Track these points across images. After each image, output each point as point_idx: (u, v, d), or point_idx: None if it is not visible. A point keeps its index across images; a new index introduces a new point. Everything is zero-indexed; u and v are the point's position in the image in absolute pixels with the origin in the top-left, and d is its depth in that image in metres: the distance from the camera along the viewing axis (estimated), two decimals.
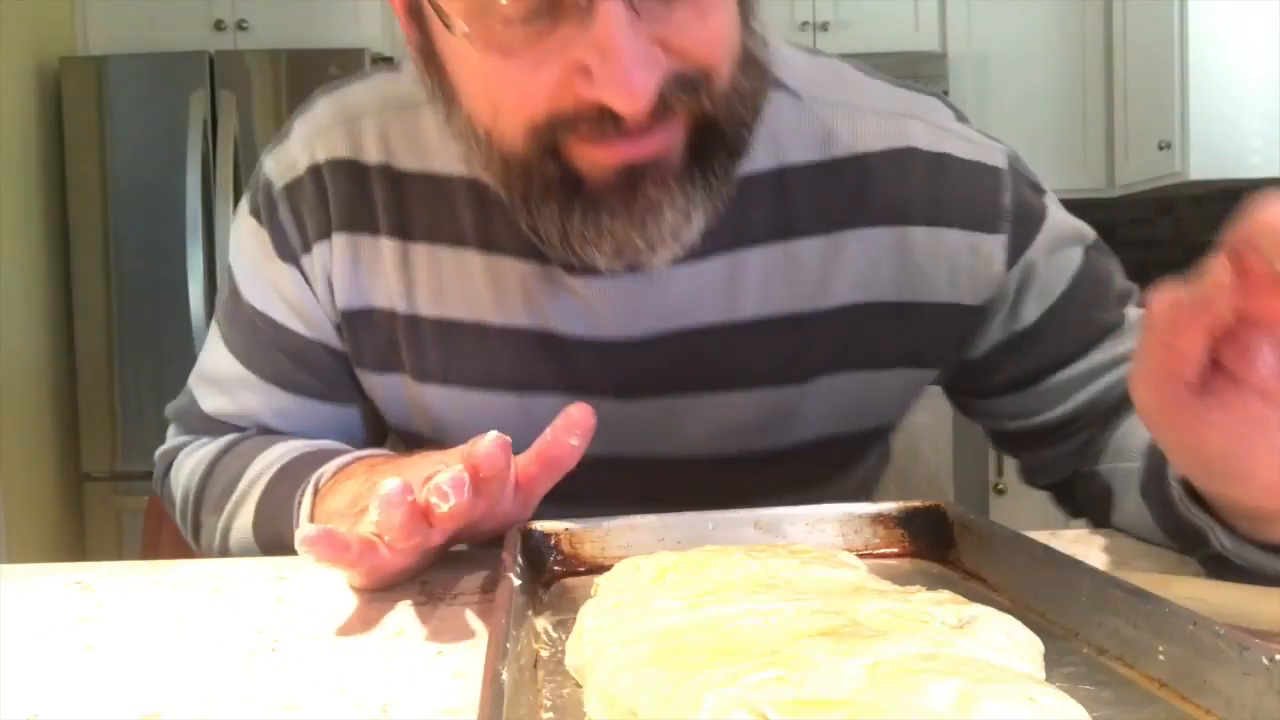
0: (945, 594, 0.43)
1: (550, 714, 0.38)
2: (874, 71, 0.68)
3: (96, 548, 2.68)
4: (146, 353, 2.66)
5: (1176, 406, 0.42)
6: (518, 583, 0.46)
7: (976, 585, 0.51)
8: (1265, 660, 0.33)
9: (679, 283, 0.63)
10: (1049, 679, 0.37)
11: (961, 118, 0.69)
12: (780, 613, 0.39)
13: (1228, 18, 2.68)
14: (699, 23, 0.50)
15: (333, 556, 0.47)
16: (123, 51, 2.75)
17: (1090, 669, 0.40)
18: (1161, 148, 2.80)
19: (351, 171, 0.64)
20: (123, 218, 2.65)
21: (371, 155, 0.64)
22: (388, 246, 0.64)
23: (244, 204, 0.70)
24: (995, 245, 0.66)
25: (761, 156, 0.62)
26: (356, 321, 0.66)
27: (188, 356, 2.60)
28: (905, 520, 0.58)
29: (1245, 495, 0.45)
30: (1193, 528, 0.51)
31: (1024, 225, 0.68)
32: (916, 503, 0.59)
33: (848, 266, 0.64)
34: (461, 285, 0.63)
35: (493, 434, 0.48)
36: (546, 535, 0.57)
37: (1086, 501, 0.69)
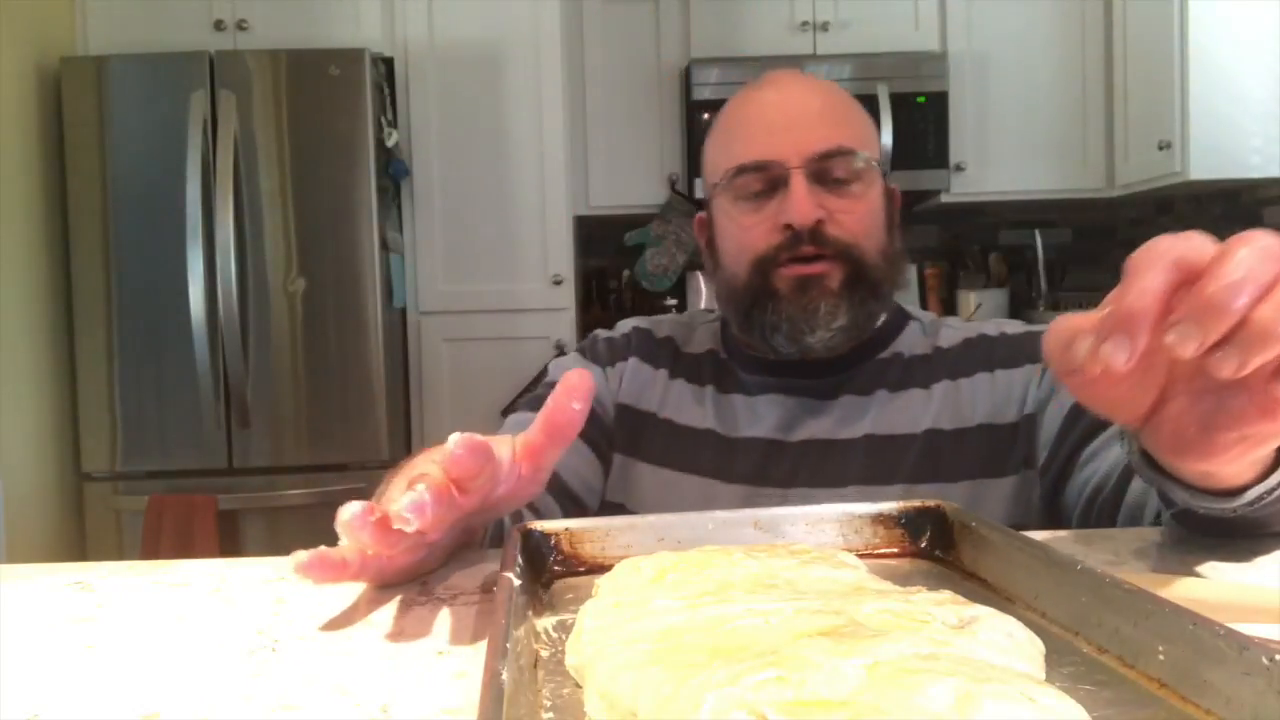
0: (946, 594, 0.43)
1: (550, 714, 0.38)
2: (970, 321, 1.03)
3: (96, 548, 2.68)
4: (146, 353, 2.66)
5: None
6: (518, 583, 0.46)
7: (976, 585, 0.51)
8: (1265, 660, 0.33)
9: (833, 408, 0.94)
10: (1049, 679, 0.37)
11: (1029, 325, 0.99)
12: (780, 613, 0.39)
13: (1228, 18, 2.68)
14: (849, 207, 0.89)
15: (330, 576, 0.51)
16: (123, 51, 2.74)
17: (1090, 669, 0.40)
18: (1161, 148, 2.80)
19: (650, 337, 1.05)
20: (123, 218, 2.65)
21: (661, 334, 1.05)
22: (660, 375, 1.01)
23: (574, 353, 1.07)
24: (1033, 371, 0.92)
25: (902, 349, 0.97)
26: (625, 413, 0.99)
27: (188, 356, 2.62)
28: (905, 520, 0.58)
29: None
30: (1160, 490, 0.58)
31: None
32: (916, 503, 0.59)
33: (936, 405, 0.92)
34: (697, 406, 0.98)
35: (455, 436, 0.49)
36: (546, 535, 0.57)
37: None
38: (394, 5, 2.90)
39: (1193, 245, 0.43)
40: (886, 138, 3.08)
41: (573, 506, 0.92)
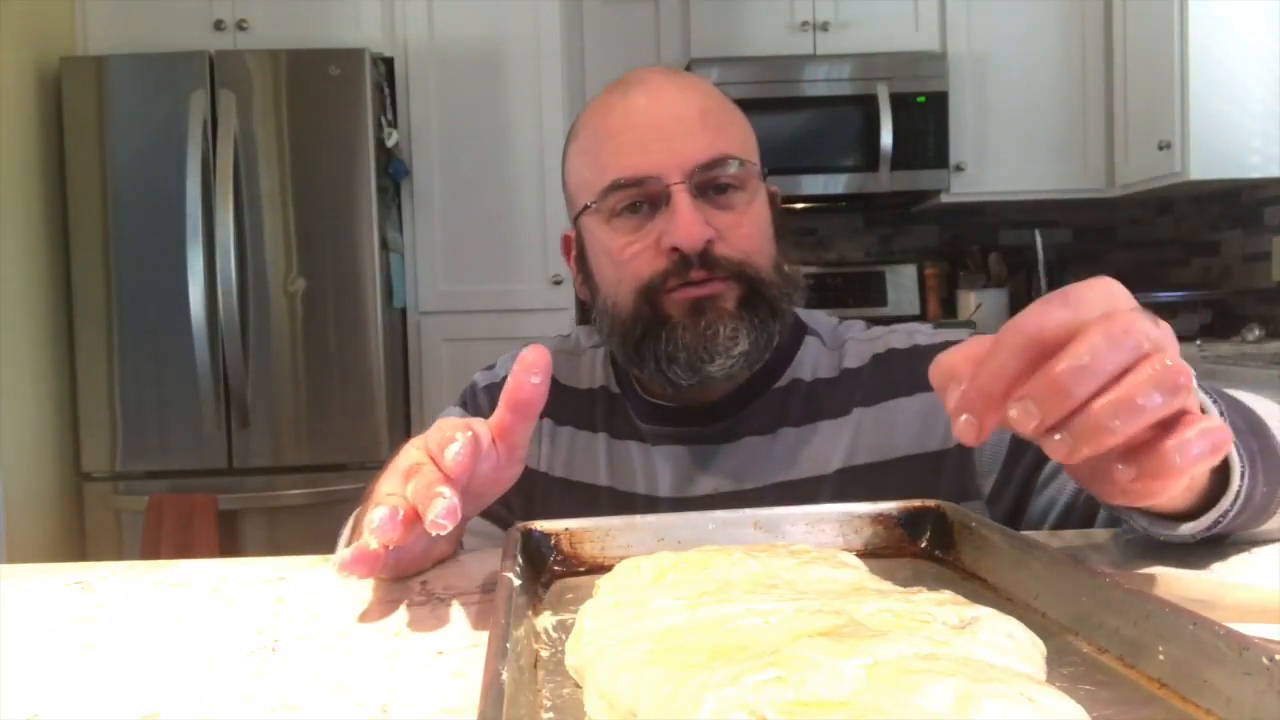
0: (947, 594, 0.43)
1: (550, 714, 0.38)
2: (873, 325, 0.96)
3: (96, 548, 2.68)
4: (146, 353, 2.65)
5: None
6: (518, 583, 0.46)
7: (976, 585, 0.51)
8: (1265, 660, 0.33)
9: (735, 453, 0.86)
10: (1049, 679, 0.37)
11: (938, 330, 0.94)
12: (780, 612, 0.39)
13: (1228, 18, 2.68)
14: (737, 222, 0.82)
15: (371, 570, 0.54)
16: (123, 51, 2.74)
17: (1090, 669, 0.40)
18: (1161, 148, 2.80)
19: None
20: (123, 218, 2.65)
21: None
22: (544, 425, 0.92)
23: (453, 405, 0.99)
24: None
25: (802, 373, 0.89)
26: None
27: (188, 356, 2.62)
28: (905, 520, 0.58)
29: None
30: (1118, 515, 0.60)
31: None
32: (916, 502, 0.59)
33: (850, 437, 0.86)
34: (590, 458, 0.90)
35: (456, 446, 0.52)
36: (546, 535, 0.57)
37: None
38: (394, 5, 2.90)
39: (1057, 320, 0.42)
40: (886, 138, 3.08)
41: None
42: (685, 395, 0.86)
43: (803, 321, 0.93)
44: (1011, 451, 0.83)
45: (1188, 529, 0.54)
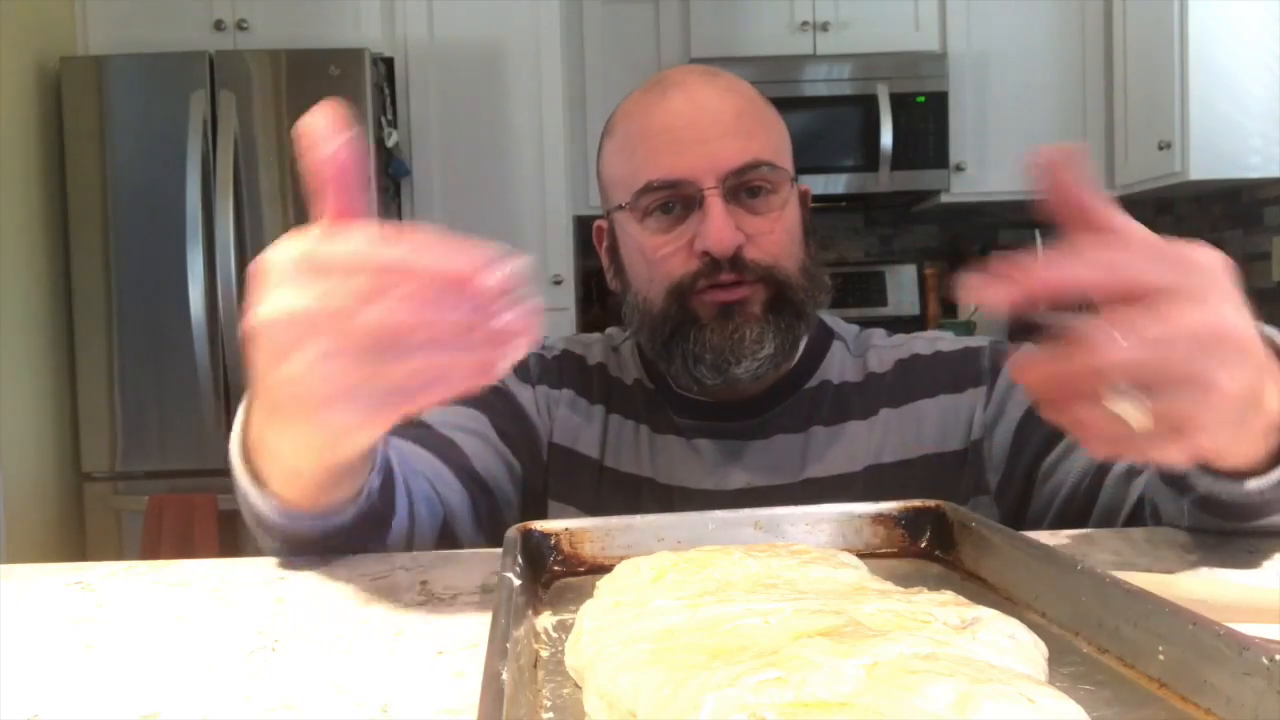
0: (948, 595, 0.43)
1: (550, 714, 0.38)
2: (893, 334, 0.99)
3: (96, 548, 2.68)
4: (146, 353, 2.65)
5: None
6: (518, 583, 0.46)
7: (977, 585, 0.51)
8: (1265, 660, 0.33)
9: (767, 449, 0.89)
10: (1049, 679, 0.37)
11: (959, 337, 0.95)
12: (780, 612, 0.39)
13: (1228, 18, 2.67)
14: (769, 227, 0.84)
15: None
16: (123, 51, 2.74)
17: (1090, 669, 0.40)
18: (1161, 148, 2.80)
19: (582, 365, 0.97)
20: (123, 218, 2.65)
21: (593, 361, 0.98)
22: (597, 411, 0.94)
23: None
24: (978, 395, 0.89)
25: (830, 375, 0.92)
26: (561, 456, 0.93)
27: (188, 356, 2.62)
28: (905, 520, 0.58)
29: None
30: (1181, 477, 0.58)
31: (996, 371, 0.90)
32: (916, 503, 0.59)
33: (879, 437, 0.89)
34: (635, 449, 0.92)
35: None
36: (546, 535, 0.57)
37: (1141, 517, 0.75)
38: (394, 5, 2.90)
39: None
40: (886, 138, 3.08)
41: (480, 494, 0.84)
42: (717, 392, 0.88)
43: (829, 326, 0.96)
44: (1015, 444, 0.84)
45: (1254, 485, 0.53)
